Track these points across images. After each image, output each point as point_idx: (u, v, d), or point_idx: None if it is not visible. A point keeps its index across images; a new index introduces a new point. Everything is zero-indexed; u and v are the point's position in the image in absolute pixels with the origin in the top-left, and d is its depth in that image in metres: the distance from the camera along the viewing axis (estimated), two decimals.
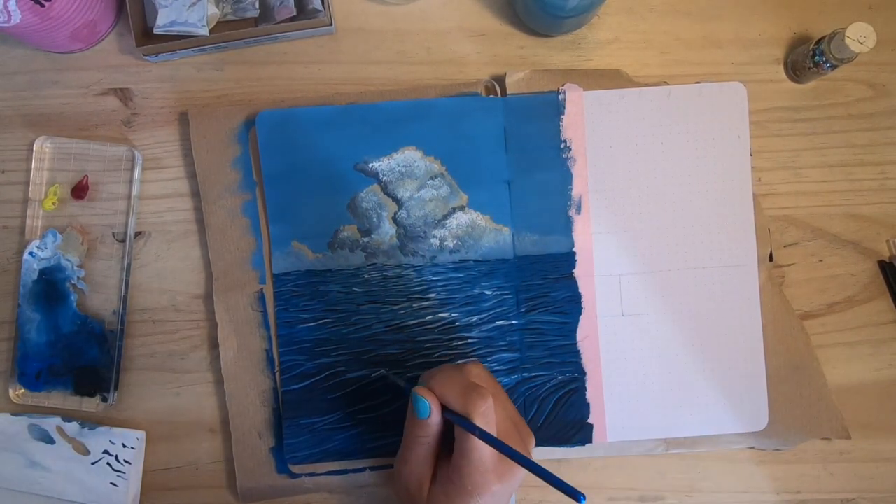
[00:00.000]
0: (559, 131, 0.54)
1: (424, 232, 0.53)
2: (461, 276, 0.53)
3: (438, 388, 0.43)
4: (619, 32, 0.56)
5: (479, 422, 0.40)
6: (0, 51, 0.55)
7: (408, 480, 0.44)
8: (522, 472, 0.42)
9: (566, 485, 0.37)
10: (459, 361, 0.52)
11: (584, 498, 0.36)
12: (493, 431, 0.41)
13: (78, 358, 0.53)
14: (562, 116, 0.54)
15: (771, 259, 0.54)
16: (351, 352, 0.53)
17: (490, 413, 0.41)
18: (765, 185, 0.55)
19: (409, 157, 0.53)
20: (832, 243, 0.55)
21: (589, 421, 0.53)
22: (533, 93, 0.54)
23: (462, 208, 0.53)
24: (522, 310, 0.53)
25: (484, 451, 0.41)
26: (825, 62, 0.52)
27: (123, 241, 0.54)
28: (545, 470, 0.38)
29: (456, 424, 0.42)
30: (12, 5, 0.47)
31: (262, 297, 0.53)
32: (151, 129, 0.55)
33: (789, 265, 0.55)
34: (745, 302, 0.54)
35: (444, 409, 0.43)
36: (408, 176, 0.53)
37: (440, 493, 0.42)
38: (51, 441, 0.53)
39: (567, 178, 0.54)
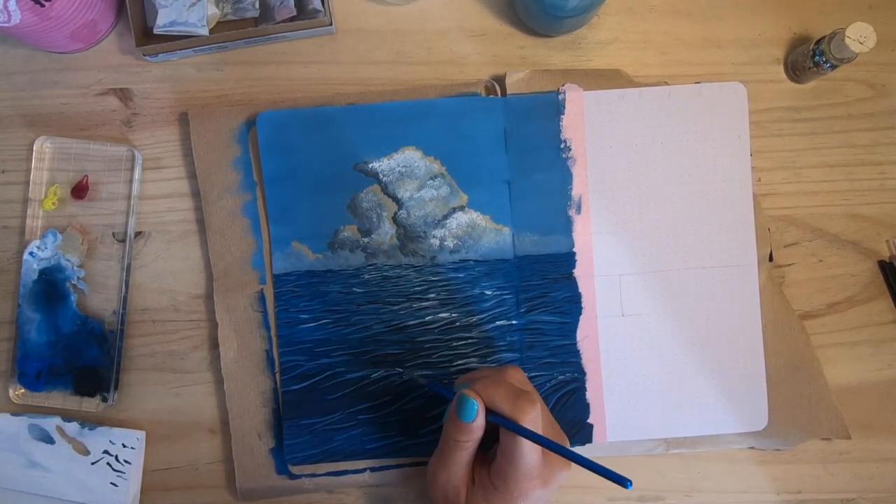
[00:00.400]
0: (559, 131, 0.54)
1: (424, 232, 0.53)
2: (461, 276, 0.53)
3: (485, 391, 0.42)
4: (619, 32, 0.56)
5: (529, 426, 0.40)
6: (0, 51, 0.55)
7: (445, 486, 0.43)
8: (562, 478, 0.42)
9: (615, 474, 0.37)
10: (493, 366, 0.52)
11: (631, 484, 0.37)
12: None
13: (78, 358, 0.53)
14: (562, 116, 0.54)
15: (771, 259, 0.54)
16: (351, 352, 0.53)
17: (538, 418, 0.41)
18: (765, 185, 0.55)
19: (409, 157, 0.53)
20: (832, 243, 0.55)
21: (589, 421, 0.53)
22: (533, 93, 0.54)
23: (462, 208, 0.53)
24: (522, 310, 0.53)
25: (532, 456, 0.40)
26: (825, 62, 0.52)
27: (123, 241, 0.54)
28: (596, 463, 0.38)
29: (503, 429, 0.41)
30: (12, 5, 0.47)
31: (262, 298, 0.53)
32: (151, 129, 0.55)
33: (789, 265, 0.55)
34: (745, 302, 0.54)
35: (490, 413, 0.42)
36: (408, 176, 0.53)
37: (480, 499, 0.42)
38: (51, 441, 0.53)
39: (567, 178, 0.54)
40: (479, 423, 0.41)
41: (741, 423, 0.53)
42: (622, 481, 0.37)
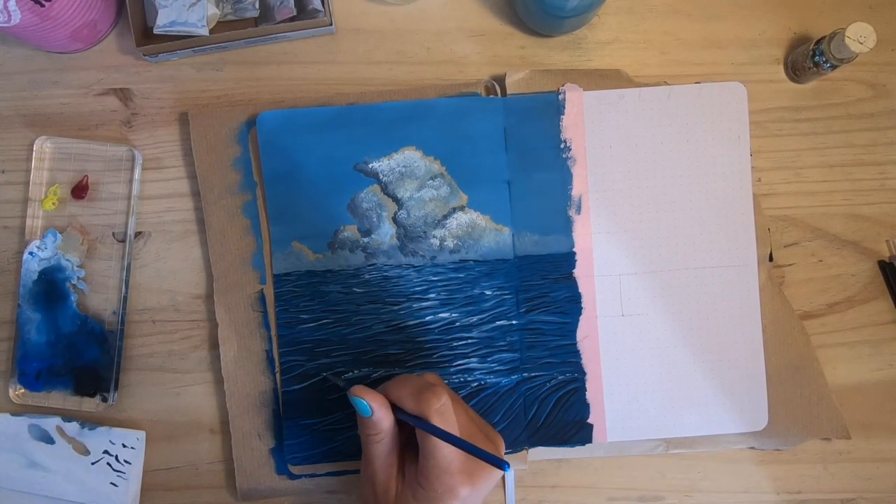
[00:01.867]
0: (559, 131, 0.54)
1: (424, 232, 0.53)
2: (461, 276, 0.53)
3: (393, 391, 0.43)
4: (619, 32, 0.56)
5: (437, 420, 0.40)
6: (0, 51, 0.55)
7: (373, 481, 0.44)
8: (495, 476, 0.42)
9: (492, 456, 0.39)
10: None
11: (509, 466, 0.39)
12: (453, 431, 0.41)
13: (78, 358, 0.53)
14: (562, 116, 0.54)
15: (771, 259, 0.54)
16: (351, 352, 0.53)
17: (447, 411, 0.41)
18: (765, 185, 0.55)
19: (409, 157, 0.53)
20: (832, 243, 0.55)
21: (589, 421, 0.53)
22: (533, 93, 0.54)
23: (462, 208, 0.53)
24: (522, 310, 0.53)
25: (447, 451, 0.40)
26: (825, 62, 0.52)
27: (123, 241, 0.54)
28: (478, 448, 0.39)
29: (416, 427, 0.41)
30: (12, 5, 0.47)
31: (262, 298, 0.53)
32: (151, 129, 0.55)
33: (789, 265, 0.55)
34: (745, 302, 0.54)
35: (400, 411, 0.42)
36: (408, 176, 0.53)
37: (409, 496, 0.42)
38: (51, 441, 0.53)
39: (567, 178, 0.54)
40: (378, 418, 0.42)
41: (741, 423, 0.53)
42: (499, 464, 0.38)
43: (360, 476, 0.45)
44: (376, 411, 0.42)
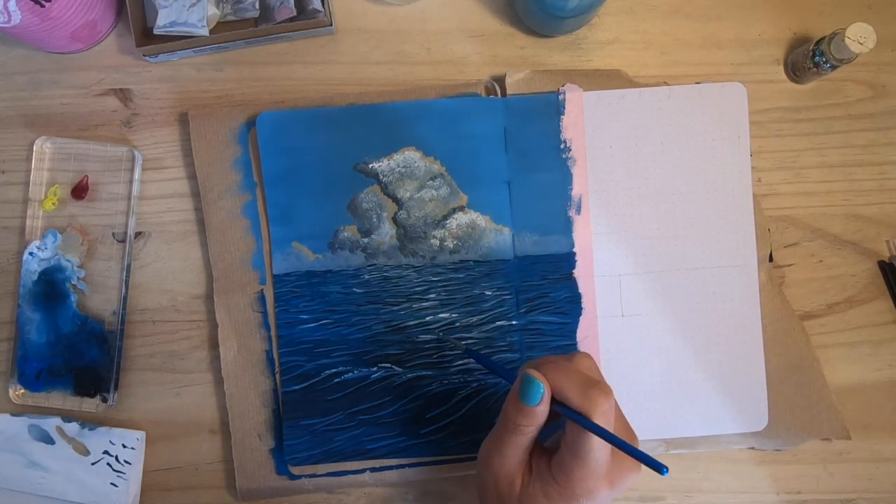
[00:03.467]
0: (559, 131, 0.54)
1: (424, 232, 0.53)
2: (461, 276, 0.53)
3: (553, 378, 0.38)
4: (619, 32, 0.56)
5: (600, 421, 0.37)
6: (0, 51, 0.55)
7: (498, 472, 0.40)
8: (631, 480, 0.39)
9: (658, 462, 0.35)
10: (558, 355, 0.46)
11: (667, 470, 0.35)
12: (611, 430, 0.37)
13: (78, 358, 0.53)
14: (562, 116, 0.54)
15: (771, 259, 0.54)
16: (351, 352, 0.53)
17: (611, 412, 0.37)
18: (765, 185, 0.55)
19: (409, 157, 0.53)
20: (832, 243, 0.55)
21: None
22: (533, 93, 0.54)
23: (462, 209, 0.53)
24: (522, 310, 0.53)
25: (601, 453, 0.37)
26: (825, 62, 0.52)
27: (123, 241, 0.54)
28: (645, 455, 0.36)
29: (570, 421, 0.38)
30: (12, 5, 0.47)
31: (262, 298, 0.53)
32: (151, 129, 0.55)
33: (789, 265, 0.55)
34: (745, 302, 0.54)
35: (558, 403, 0.38)
36: (408, 176, 0.53)
37: (538, 492, 0.39)
38: (51, 441, 0.53)
39: (567, 178, 0.54)
40: (542, 409, 0.38)
41: (741, 423, 0.53)
42: (660, 468, 0.35)
43: (481, 462, 0.41)
44: (545, 402, 0.38)
